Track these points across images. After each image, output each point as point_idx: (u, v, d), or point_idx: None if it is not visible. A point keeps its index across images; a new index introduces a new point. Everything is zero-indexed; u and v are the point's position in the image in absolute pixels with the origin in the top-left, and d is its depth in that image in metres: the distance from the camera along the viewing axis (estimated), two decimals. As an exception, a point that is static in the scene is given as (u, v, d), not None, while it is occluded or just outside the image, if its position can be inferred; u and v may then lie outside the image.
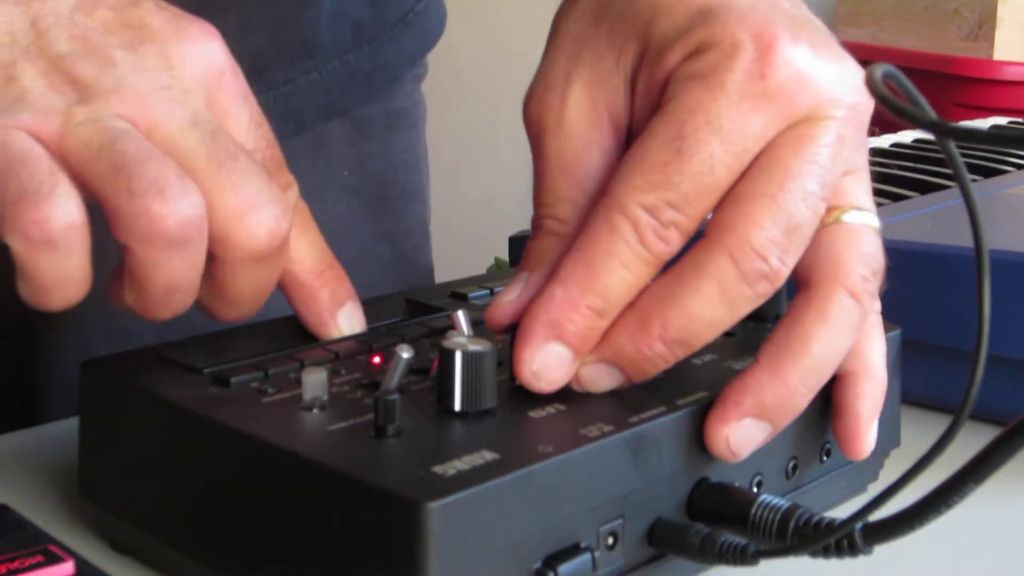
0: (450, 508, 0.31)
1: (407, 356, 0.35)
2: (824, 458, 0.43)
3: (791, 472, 0.42)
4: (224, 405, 0.37)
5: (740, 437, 0.37)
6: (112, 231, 0.38)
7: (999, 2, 1.96)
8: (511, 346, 0.38)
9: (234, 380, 0.39)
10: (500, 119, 1.78)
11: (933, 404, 0.54)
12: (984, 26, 1.98)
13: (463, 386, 0.36)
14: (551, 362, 0.37)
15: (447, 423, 0.36)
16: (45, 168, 0.37)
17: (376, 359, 0.41)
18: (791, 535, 0.36)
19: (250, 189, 0.39)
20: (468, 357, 0.36)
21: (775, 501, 0.37)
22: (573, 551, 0.34)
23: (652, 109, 0.39)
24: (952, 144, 0.34)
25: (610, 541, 0.35)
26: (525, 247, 0.41)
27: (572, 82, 0.41)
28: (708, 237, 0.37)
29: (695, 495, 0.38)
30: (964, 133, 0.26)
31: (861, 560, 0.35)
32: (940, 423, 0.37)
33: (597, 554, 0.35)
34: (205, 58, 0.41)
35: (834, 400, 0.42)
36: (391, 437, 0.34)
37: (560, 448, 0.34)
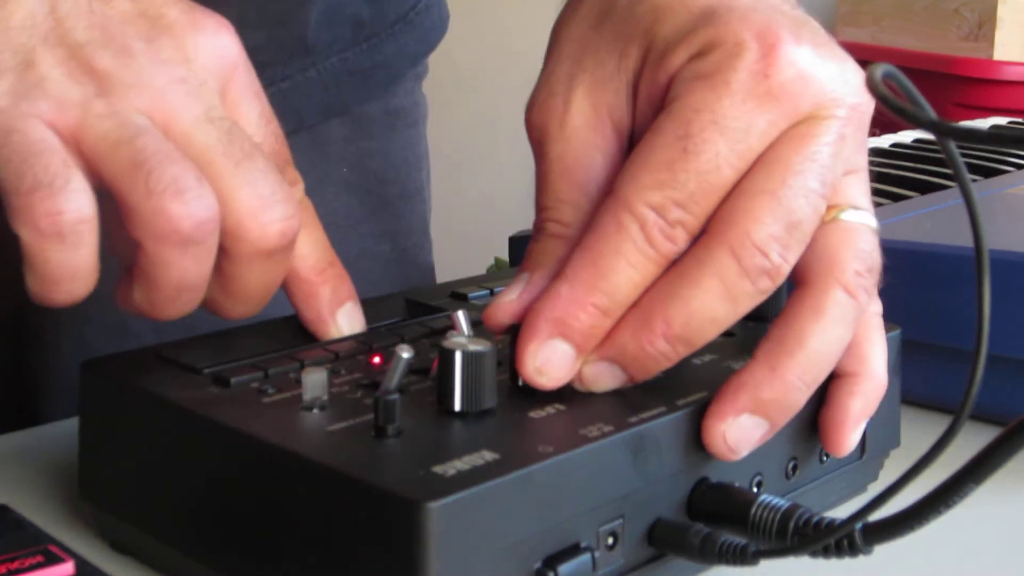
0: (450, 508, 0.31)
1: (407, 356, 0.35)
2: (824, 458, 0.43)
3: (791, 472, 0.42)
4: (224, 405, 0.37)
5: (737, 434, 0.37)
6: (127, 226, 0.38)
7: (999, 2, 1.96)
8: (511, 346, 0.38)
9: (234, 380, 0.39)
10: (500, 119, 1.78)
11: (933, 404, 0.54)
12: (984, 26, 1.98)
13: (463, 386, 0.36)
14: (555, 359, 0.37)
15: (447, 423, 0.36)
16: (60, 160, 0.37)
17: (376, 359, 0.41)
18: (791, 535, 0.36)
19: (265, 187, 0.39)
20: (468, 357, 0.36)
21: (775, 501, 0.37)
22: (573, 551, 0.34)
23: (655, 112, 0.39)
24: (952, 144, 0.34)
25: (610, 541, 0.35)
26: (526, 249, 0.41)
27: (574, 87, 0.41)
28: (710, 233, 0.37)
29: (695, 495, 0.38)
30: (964, 133, 0.26)
31: (861, 560, 0.35)
32: (940, 423, 0.37)
33: (597, 554, 0.35)
34: (220, 51, 0.42)
35: (827, 393, 0.41)
36: (391, 437, 0.34)
37: (560, 448, 0.34)
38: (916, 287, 0.53)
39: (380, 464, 0.33)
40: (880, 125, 0.48)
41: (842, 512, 0.39)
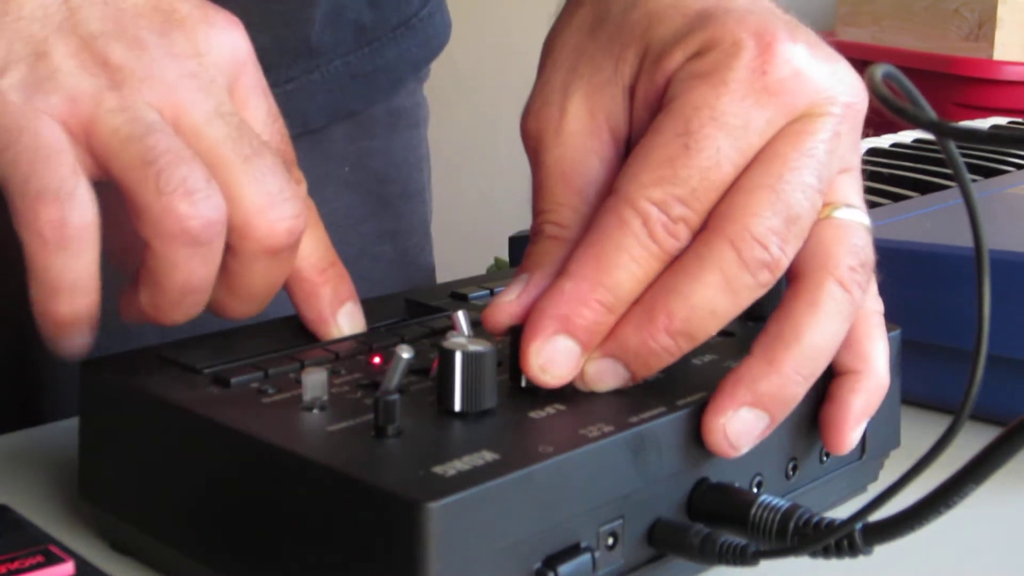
0: (450, 508, 0.31)
1: (407, 356, 0.35)
2: (824, 458, 0.43)
3: (791, 472, 0.42)
4: (224, 405, 0.37)
5: (737, 427, 0.37)
6: (135, 224, 0.38)
7: (999, 2, 1.95)
8: (511, 346, 0.38)
9: (234, 380, 0.39)
10: (500, 119, 1.78)
11: (933, 404, 0.54)
12: (984, 26, 1.98)
13: (463, 386, 0.36)
14: (558, 356, 0.37)
15: (447, 423, 0.36)
16: (68, 166, 0.37)
17: (376, 359, 0.41)
18: (791, 535, 0.36)
19: (273, 184, 0.40)
20: (468, 357, 0.36)
21: (775, 501, 0.37)
22: (573, 551, 0.34)
23: (651, 116, 0.39)
24: (952, 144, 0.34)
25: (610, 541, 0.35)
26: (525, 252, 0.41)
27: (570, 94, 0.41)
28: (710, 228, 0.37)
29: (695, 495, 0.38)
30: (964, 133, 0.26)
31: (861, 560, 0.35)
32: (940, 423, 0.37)
33: (597, 554, 0.35)
34: (230, 47, 0.42)
35: (828, 391, 0.42)
36: (391, 437, 0.34)
37: (560, 448, 0.34)
38: (916, 287, 0.53)
39: (380, 464, 0.33)
40: (877, 125, 0.48)
41: (842, 512, 0.39)
